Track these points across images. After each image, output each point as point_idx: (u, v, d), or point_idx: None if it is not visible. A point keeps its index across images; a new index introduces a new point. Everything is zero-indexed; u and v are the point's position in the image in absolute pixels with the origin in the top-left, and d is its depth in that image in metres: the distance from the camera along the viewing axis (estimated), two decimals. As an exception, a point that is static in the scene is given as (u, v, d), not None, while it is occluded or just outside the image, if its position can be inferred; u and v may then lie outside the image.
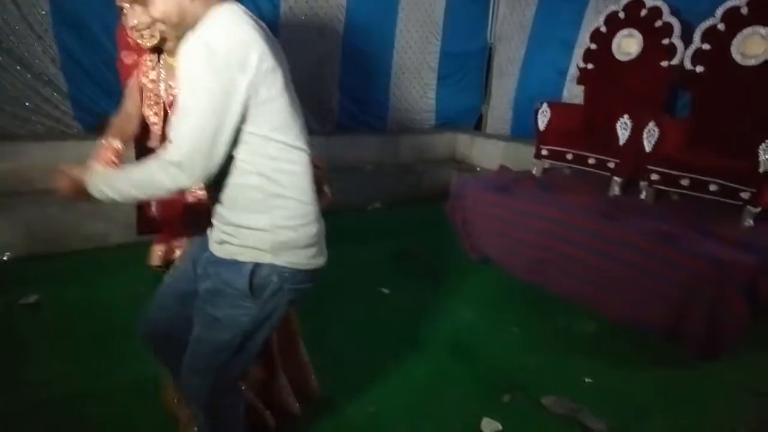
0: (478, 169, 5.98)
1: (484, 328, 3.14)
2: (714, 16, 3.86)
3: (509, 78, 6.15)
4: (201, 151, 1.27)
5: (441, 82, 6.34)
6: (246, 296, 1.43)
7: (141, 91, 1.86)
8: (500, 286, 3.71)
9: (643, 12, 4.27)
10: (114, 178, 1.39)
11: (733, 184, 3.30)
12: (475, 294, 3.57)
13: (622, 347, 2.99)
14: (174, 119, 1.30)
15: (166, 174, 1.29)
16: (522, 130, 5.77)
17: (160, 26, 1.43)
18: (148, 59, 1.83)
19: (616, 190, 3.93)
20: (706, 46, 3.90)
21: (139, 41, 1.71)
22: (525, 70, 5.95)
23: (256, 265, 1.42)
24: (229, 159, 1.34)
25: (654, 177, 3.68)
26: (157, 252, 1.99)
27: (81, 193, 1.40)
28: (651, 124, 3.67)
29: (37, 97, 4.16)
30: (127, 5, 1.65)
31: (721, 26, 3.82)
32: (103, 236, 3.90)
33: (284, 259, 1.43)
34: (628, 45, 4.39)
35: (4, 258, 3.58)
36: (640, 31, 4.30)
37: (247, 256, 1.42)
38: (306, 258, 1.47)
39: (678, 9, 4.17)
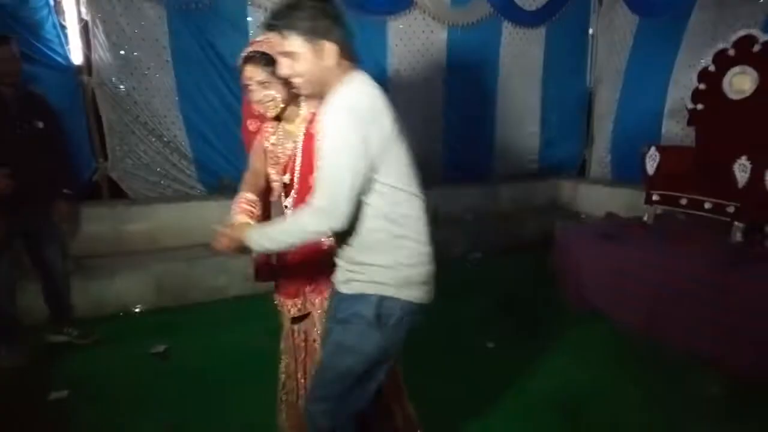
0: (583, 216, 5.80)
1: (594, 385, 2.99)
2: (838, 46, 3.59)
3: (607, 121, 6.03)
4: (343, 197, 1.47)
5: (543, 128, 6.33)
6: (373, 325, 1.60)
7: (264, 152, 2.04)
8: (610, 339, 3.54)
9: (756, 47, 4.04)
10: (269, 230, 1.62)
11: None
12: (583, 348, 3.42)
13: (755, 409, 2.72)
14: (319, 171, 1.50)
15: (314, 219, 1.51)
16: (623, 173, 5.62)
17: (298, 81, 1.59)
18: (269, 126, 2.04)
19: (738, 236, 3.66)
20: (832, 79, 3.62)
21: (262, 112, 1.91)
22: (621, 112, 5.83)
23: (382, 298, 1.60)
24: (360, 206, 1.54)
25: (781, 221, 3.41)
26: (292, 306, 2.08)
27: (238, 249, 1.64)
28: (773, 165, 3.43)
29: (166, 163, 4.64)
30: (252, 83, 1.85)
31: None
32: (223, 289, 4.21)
33: (405, 294, 1.62)
34: (740, 83, 4.15)
35: (136, 310, 3.95)
36: (754, 68, 4.06)
37: (372, 290, 1.61)
38: (422, 293, 1.66)
39: (796, 42, 3.92)
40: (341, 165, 1.46)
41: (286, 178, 1.95)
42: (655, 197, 4.22)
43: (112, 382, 3.01)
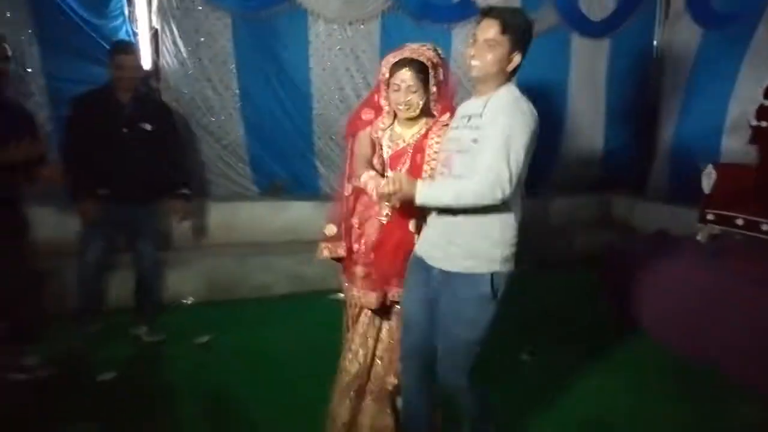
0: (636, 232, 5.63)
1: (633, 405, 2.91)
2: None
3: (668, 136, 5.85)
4: (513, 173, 1.74)
5: (606, 141, 6.21)
6: (490, 298, 1.88)
7: (373, 142, 2.20)
8: (654, 360, 3.43)
9: (827, 63, 3.85)
10: (437, 186, 1.87)
11: None
12: (625, 368, 3.33)
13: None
14: (492, 150, 1.75)
15: (497, 187, 1.73)
16: (682, 191, 5.40)
17: (479, 62, 1.86)
18: (383, 121, 2.21)
19: (796, 260, 3.48)
20: None
21: (404, 113, 2.08)
22: (682, 127, 5.66)
23: (494, 274, 1.87)
24: None
25: (843, 246, 3.21)
26: (376, 298, 2.16)
27: (405, 197, 1.82)
28: (838, 187, 3.24)
29: (222, 164, 4.85)
30: (403, 85, 2.02)
31: None
32: (268, 287, 4.36)
33: (507, 267, 1.91)
34: (809, 100, 3.96)
35: (188, 302, 4.15)
36: (823, 85, 3.87)
37: (485, 268, 1.87)
38: (512, 267, 1.95)
39: None
40: (516, 148, 1.75)
41: (389, 175, 2.07)
42: (710, 216, 4.07)
43: (156, 367, 3.20)
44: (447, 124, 2.07)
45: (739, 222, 3.89)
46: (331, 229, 2.28)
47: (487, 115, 1.83)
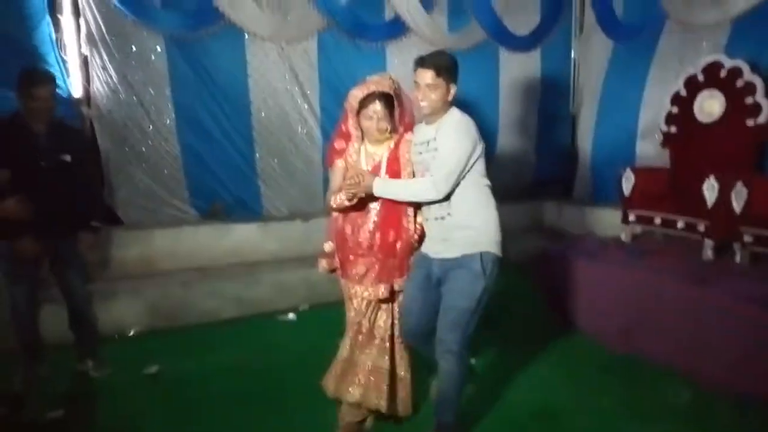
0: (567, 236, 5.95)
1: (570, 395, 3.12)
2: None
3: (587, 143, 6.27)
4: (454, 176, 2.30)
5: (537, 151, 6.55)
6: (480, 274, 2.37)
7: (347, 168, 2.52)
8: (590, 354, 3.66)
9: (723, 73, 4.26)
10: (393, 184, 2.40)
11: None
12: (563, 363, 3.54)
13: (721, 417, 2.85)
14: (440, 160, 2.31)
15: (430, 188, 2.31)
16: (604, 194, 5.80)
17: (429, 105, 2.37)
18: (352, 145, 2.55)
19: (708, 253, 3.82)
20: (793, 103, 3.82)
21: (376, 136, 2.47)
22: (599, 134, 6.07)
23: (482, 254, 2.38)
24: (464, 186, 2.37)
25: (747, 239, 3.57)
26: (383, 290, 2.51)
27: (366, 189, 2.33)
28: (739, 185, 3.60)
29: (160, 190, 4.78)
30: (375, 115, 2.40)
31: (807, 81, 3.75)
32: (215, 312, 4.31)
33: (495, 249, 2.42)
34: (710, 106, 4.36)
35: (131, 333, 4.05)
36: (722, 92, 4.27)
37: (475, 249, 2.38)
38: (501, 250, 2.45)
39: (758, 67, 4.14)
40: (460, 157, 2.30)
41: None
42: (631, 217, 4.40)
43: (105, 402, 3.12)
44: (410, 139, 2.51)
45: (657, 221, 4.23)
46: (330, 246, 2.64)
47: (439, 138, 2.36)
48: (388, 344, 2.58)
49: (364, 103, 2.40)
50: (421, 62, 2.35)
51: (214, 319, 4.27)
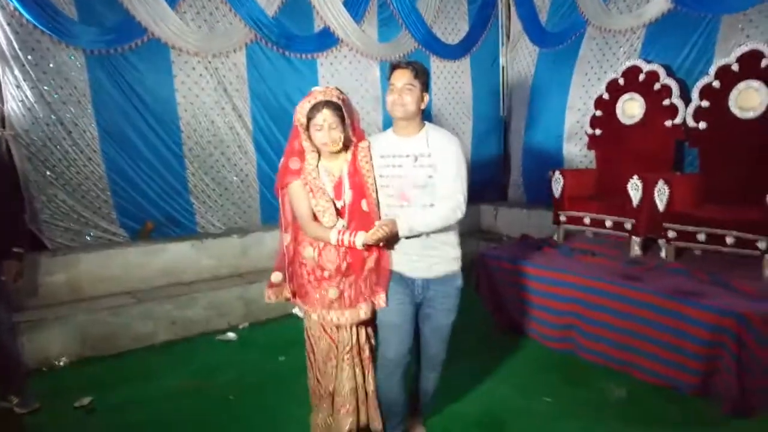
0: (504, 238, 6.08)
1: (515, 400, 3.17)
2: (708, 74, 4.03)
3: (518, 147, 6.47)
4: (465, 196, 2.37)
5: (472, 155, 6.65)
6: (461, 288, 2.53)
7: (308, 189, 2.37)
8: (530, 356, 3.74)
9: (641, 76, 4.48)
10: (422, 218, 2.32)
11: (748, 235, 3.35)
12: (504, 365, 3.60)
13: (655, 408, 2.98)
14: (449, 181, 2.34)
15: (457, 210, 2.34)
16: (537, 196, 6.00)
17: (404, 107, 2.34)
18: (308, 163, 2.39)
19: (636, 250, 3.99)
20: (705, 103, 4.05)
21: (329, 148, 2.33)
22: (528, 138, 6.27)
23: (460, 269, 2.50)
24: None
25: (671, 234, 3.75)
26: (364, 311, 2.42)
27: (392, 239, 2.31)
28: (660, 183, 3.78)
29: (86, 211, 4.56)
30: (325, 125, 2.27)
31: (716, 84, 3.98)
32: (150, 335, 4.15)
33: (460, 263, 2.51)
34: (631, 109, 4.57)
35: (60, 363, 3.84)
36: (641, 95, 4.49)
37: (456, 265, 2.49)
38: None
39: (673, 70, 4.38)
40: (464, 177, 2.38)
41: (339, 204, 2.38)
42: (562, 218, 4.53)
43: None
44: (366, 147, 2.42)
45: (587, 220, 4.39)
46: (277, 276, 2.52)
47: (436, 154, 2.35)
48: (357, 359, 2.50)
49: (312, 113, 2.29)
50: (398, 65, 2.38)
51: (149, 344, 4.11)
